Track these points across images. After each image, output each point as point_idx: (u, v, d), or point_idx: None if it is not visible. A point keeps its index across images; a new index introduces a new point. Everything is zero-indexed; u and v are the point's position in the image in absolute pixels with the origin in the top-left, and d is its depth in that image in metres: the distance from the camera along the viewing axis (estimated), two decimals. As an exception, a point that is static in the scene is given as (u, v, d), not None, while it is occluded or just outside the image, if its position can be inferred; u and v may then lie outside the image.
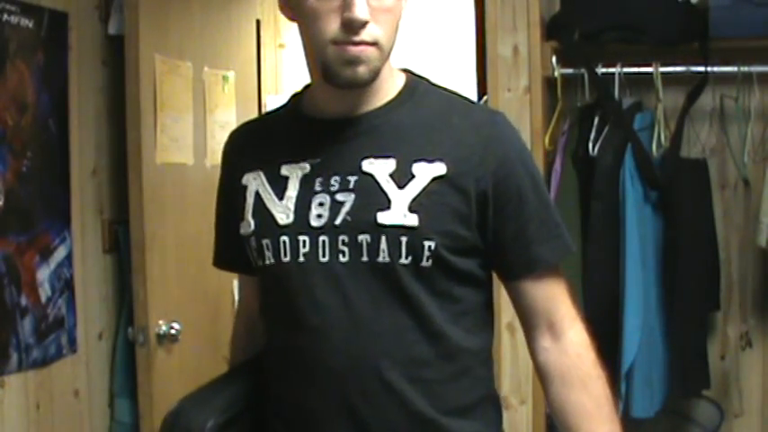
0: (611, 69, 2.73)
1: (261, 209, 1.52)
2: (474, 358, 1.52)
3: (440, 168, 1.45)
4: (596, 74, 2.71)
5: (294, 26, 1.49)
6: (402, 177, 1.44)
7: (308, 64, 1.51)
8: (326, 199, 1.46)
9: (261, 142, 1.59)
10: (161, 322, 2.86)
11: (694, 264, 2.70)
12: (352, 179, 1.46)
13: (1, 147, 2.51)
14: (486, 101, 2.79)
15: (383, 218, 1.43)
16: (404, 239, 1.42)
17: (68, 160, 2.82)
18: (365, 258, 1.44)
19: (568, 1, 2.83)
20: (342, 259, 1.45)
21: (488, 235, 1.49)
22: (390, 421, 1.46)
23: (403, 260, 1.43)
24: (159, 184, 2.88)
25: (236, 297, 3.37)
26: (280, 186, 1.50)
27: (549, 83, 2.76)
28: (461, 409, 1.51)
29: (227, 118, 3.32)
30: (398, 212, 1.43)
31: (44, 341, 2.68)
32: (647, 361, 2.65)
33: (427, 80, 1.58)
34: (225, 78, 3.31)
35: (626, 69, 2.73)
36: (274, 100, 4.20)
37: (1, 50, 2.50)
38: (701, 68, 2.70)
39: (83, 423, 2.89)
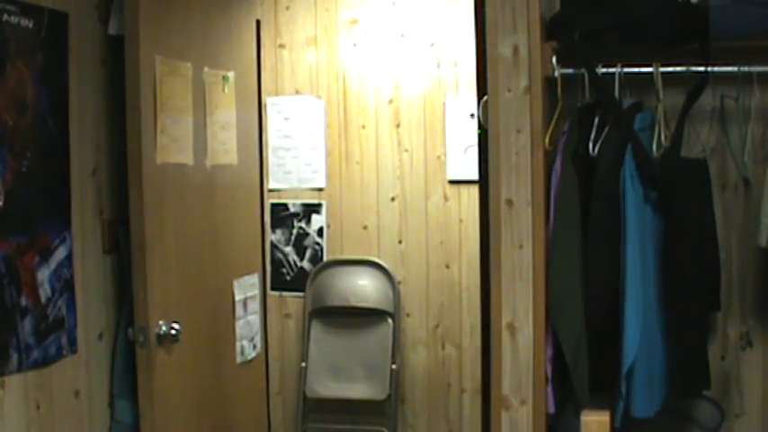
0: (611, 69, 2.72)
1: None
2: None
3: None
4: (596, 74, 2.71)
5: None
6: None
7: None
8: None
9: None
10: (161, 322, 2.86)
11: (694, 264, 2.70)
12: None
13: (1, 147, 2.51)
14: (485, 101, 2.79)
15: None
16: None
17: (68, 160, 2.82)
18: None
19: (568, 1, 2.83)
20: None
21: None
22: None
23: None
24: (159, 184, 2.88)
25: (237, 297, 3.37)
26: None
27: (549, 83, 2.75)
28: None
29: (227, 118, 3.32)
30: None
31: (44, 341, 2.68)
32: (648, 361, 2.65)
33: None
34: (225, 78, 3.31)
35: (626, 69, 2.73)
36: (274, 100, 4.21)
37: (1, 50, 2.50)
38: (701, 68, 2.70)
39: (83, 423, 2.89)
